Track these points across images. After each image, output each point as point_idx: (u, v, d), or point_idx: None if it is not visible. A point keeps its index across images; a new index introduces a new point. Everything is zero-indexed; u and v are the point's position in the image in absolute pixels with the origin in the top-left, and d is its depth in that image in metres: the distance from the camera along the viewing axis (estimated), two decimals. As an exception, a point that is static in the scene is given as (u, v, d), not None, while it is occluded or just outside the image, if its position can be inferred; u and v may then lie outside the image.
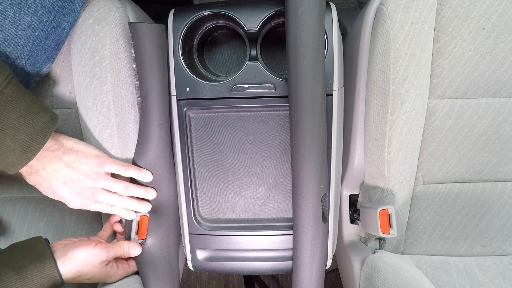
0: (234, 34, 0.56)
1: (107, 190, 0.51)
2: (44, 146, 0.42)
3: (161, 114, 0.53)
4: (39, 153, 0.42)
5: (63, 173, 0.46)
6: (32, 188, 0.48)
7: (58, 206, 0.63)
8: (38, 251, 0.45)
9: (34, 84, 0.52)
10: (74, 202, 0.49)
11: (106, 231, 0.58)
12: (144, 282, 0.56)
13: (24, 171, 0.44)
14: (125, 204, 0.53)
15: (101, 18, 0.49)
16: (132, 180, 0.55)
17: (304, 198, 0.49)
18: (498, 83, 0.56)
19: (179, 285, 0.62)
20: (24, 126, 0.40)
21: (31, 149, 0.41)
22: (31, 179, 0.46)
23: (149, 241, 0.56)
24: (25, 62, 0.50)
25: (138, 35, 0.49)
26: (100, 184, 0.49)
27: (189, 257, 0.59)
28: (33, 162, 0.43)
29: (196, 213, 0.57)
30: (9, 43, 0.44)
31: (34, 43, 0.46)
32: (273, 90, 0.52)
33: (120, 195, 0.52)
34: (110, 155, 0.53)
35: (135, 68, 0.54)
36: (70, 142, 0.48)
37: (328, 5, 0.51)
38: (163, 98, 0.53)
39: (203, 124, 0.55)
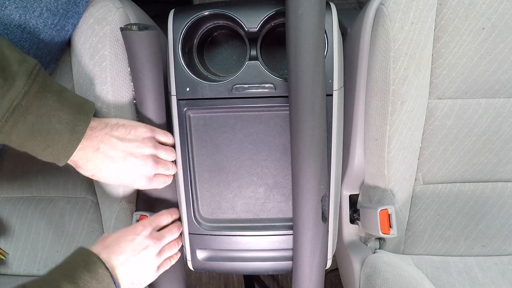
0: (234, 34, 0.56)
1: (161, 158, 0.50)
2: (90, 124, 0.41)
3: (157, 119, 0.53)
4: (87, 133, 0.40)
5: (120, 149, 0.44)
6: (32, 188, 0.48)
7: (58, 206, 0.63)
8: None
9: None
10: (140, 179, 0.47)
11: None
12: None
13: (81, 158, 0.42)
14: (172, 167, 0.53)
15: (101, 18, 0.49)
16: None
17: (304, 198, 0.49)
18: (498, 83, 0.56)
19: (185, 280, 0.62)
20: (66, 106, 0.39)
21: (78, 129, 0.39)
22: (89, 167, 0.43)
23: None
24: None
25: (129, 42, 0.48)
26: (158, 152, 0.48)
27: (189, 257, 0.59)
28: (85, 143, 0.41)
29: (196, 213, 0.57)
30: (15, 46, 0.44)
31: (39, 46, 0.46)
32: (273, 90, 0.51)
33: (170, 161, 0.52)
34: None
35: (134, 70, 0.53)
36: (113, 120, 0.46)
37: (328, 5, 0.51)
38: (159, 103, 0.53)
39: (203, 124, 0.55)
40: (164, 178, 0.51)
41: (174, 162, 0.54)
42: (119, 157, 0.44)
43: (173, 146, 0.54)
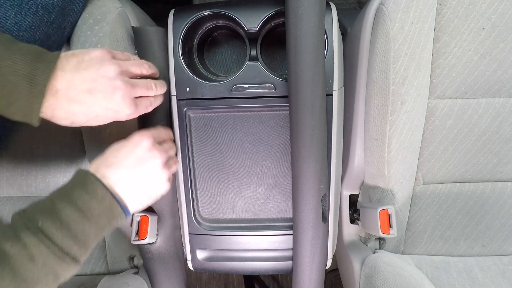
0: (234, 34, 0.56)
1: (133, 72, 0.42)
2: (53, 74, 0.35)
3: (163, 114, 0.53)
4: (48, 84, 0.35)
5: (77, 83, 0.36)
6: (32, 188, 0.48)
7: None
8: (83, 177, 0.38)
9: None
10: (121, 107, 0.39)
11: None
12: (152, 277, 0.56)
13: (46, 109, 0.36)
14: (155, 86, 0.44)
15: (101, 19, 0.49)
16: None
17: (304, 198, 0.49)
18: (498, 83, 0.56)
19: (185, 280, 0.62)
20: (19, 55, 0.34)
21: (37, 80, 0.34)
22: (61, 115, 0.37)
23: (156, 238, 0.56)
24: None
25: (142, 39, 0.49)
26: (123, 68, 0.40)
27: (189, 257, 0.59)
28: (47, 97, 0.35)
29: (196, 213, 0.57)
30: None
31: (35, 44, 0.46)
32: (273, 90, 0.51)
33: (146, 75, 0.44)
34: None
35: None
36: (61, 54, 0.38)
37: (328, 5, 0.51)
38: (166, 98, 0.53)
39: (203, 124, 0.55)
40: (148, 99, 0.44)
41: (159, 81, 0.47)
42: (84, 95, 0.37)
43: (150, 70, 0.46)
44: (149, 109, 0.44)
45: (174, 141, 0.53)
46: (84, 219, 0.36)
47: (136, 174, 0.41)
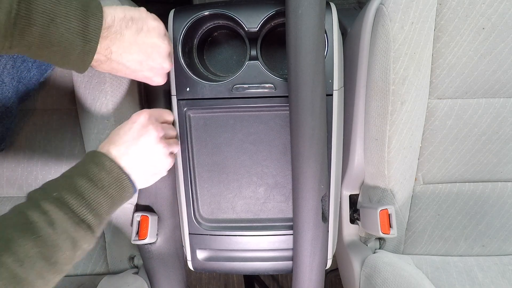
0: (234, 34, 0.56)
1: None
2: (102, 33, 0.38)
3: (166, 99, 0.53)
4: (99, 40, 0.38)
5: (134, 51, 0.41)
6: (32, 188, 0.48)
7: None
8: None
9: (37, 85, 0.52)
10: (157, 78, 0.46)
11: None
12: (152, 277, 0.56)
13: (94, 61, 0.40)
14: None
15: (101, 18, 0.49)
16: None
17: (304, 198, 0.49)
18: (498, 83, 0.56)
19: (185, 280, 0.62)
20: (71, 12, 0.36)
21: (90, 37, 0.37)
22: (105, 68, 0.42)
23: (157, 238, 0.56)
24: (32, 64, 0.50)
25: None
26: (166, 43, 0.45)
27: (189, 257, 0.59)
28: (98, 49, 0.39)
29: (196, 213, 0.57)
30: None
31: None
32: (273, 90, 0.51)
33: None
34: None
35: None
36: (119, 12, 0.40)
37: (328, 5, 0.51)
38: (166, 97, 0.53)
39: (203, 124, 0.55)
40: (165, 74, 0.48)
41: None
42: (135, 63, 0.42)
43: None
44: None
45: (173, 124, 0.54)
46: (95, 189, 0.38)
47: (136, 149, 0.43)
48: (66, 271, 0.37)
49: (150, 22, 0.42)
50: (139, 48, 0.42)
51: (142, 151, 0.44)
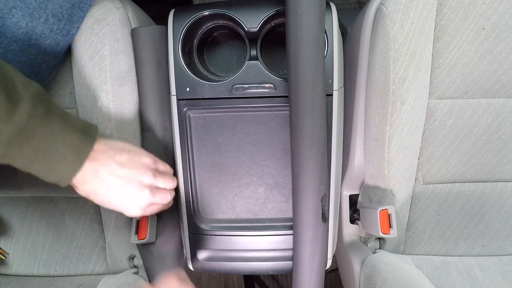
0: (234, 34, 0.56)
1: (160, 187, 0.48)
2: (94, 147, 0.40)
3: (162, 115, 0.53)
4: (90, 155, 0.39)
5: (119, 175, 0.42)
6: (33, 189, 0.48)
7: (58, 206, 0.63)
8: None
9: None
10: (133, 208, 0.45)
11: None
12: (152, 277, 0.56)
13: (77, 180, 0.41)
14: (171, 197, 0.50)
15: (101, 18, 0.49)
16: None
17: (304, 198, 0.49)
18: (498, 83, 0.56)
19: None
20: (71, 129, 0.38)
21: (82, 152, 0.39)
22: (85, 189, 0.42)
23: (156, 238, 0.56)
24: (38, 69, 0.50)
25: (139, 39, 0.49)
26: (157, 181, 0.46)
27: (189, 257, 0.59)
28: (85, 166, 0.40)
29: (196, 213, 0.57)
30: (24, 53, 0.44)
31: (46, 51, 0.47)
32: (273, 90, 0.51)
33: (168, 189, 0.50)
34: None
35: (135, 69, 0.54)
36: (118, 144, 0.44)
37: (328, 5, 0.51)
38: (164, 99, 0.53)
39: (203, 124, 0.55)
40: (158, 206, 0.49)
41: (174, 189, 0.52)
42: (117, 184, 0.43)
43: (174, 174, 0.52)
44: (155, 212, 0.49)
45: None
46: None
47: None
48: None
49: (142, 157, 0.45)
50: (124, 173, 0.43)
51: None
